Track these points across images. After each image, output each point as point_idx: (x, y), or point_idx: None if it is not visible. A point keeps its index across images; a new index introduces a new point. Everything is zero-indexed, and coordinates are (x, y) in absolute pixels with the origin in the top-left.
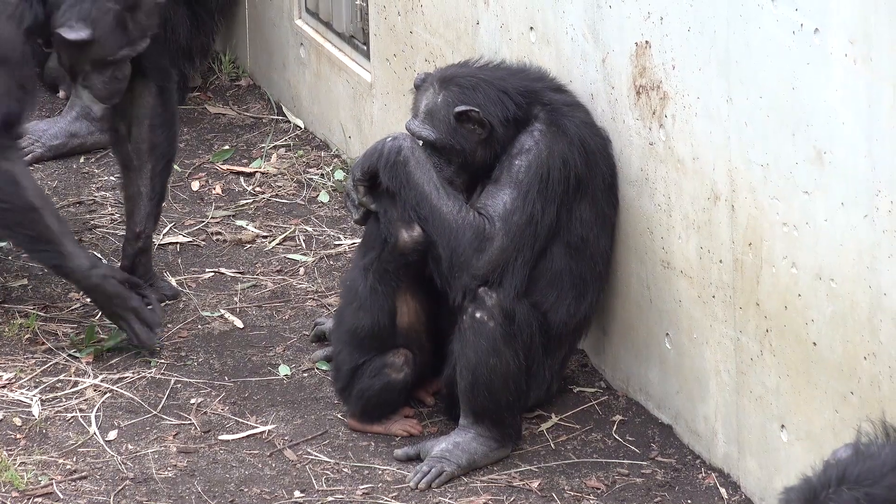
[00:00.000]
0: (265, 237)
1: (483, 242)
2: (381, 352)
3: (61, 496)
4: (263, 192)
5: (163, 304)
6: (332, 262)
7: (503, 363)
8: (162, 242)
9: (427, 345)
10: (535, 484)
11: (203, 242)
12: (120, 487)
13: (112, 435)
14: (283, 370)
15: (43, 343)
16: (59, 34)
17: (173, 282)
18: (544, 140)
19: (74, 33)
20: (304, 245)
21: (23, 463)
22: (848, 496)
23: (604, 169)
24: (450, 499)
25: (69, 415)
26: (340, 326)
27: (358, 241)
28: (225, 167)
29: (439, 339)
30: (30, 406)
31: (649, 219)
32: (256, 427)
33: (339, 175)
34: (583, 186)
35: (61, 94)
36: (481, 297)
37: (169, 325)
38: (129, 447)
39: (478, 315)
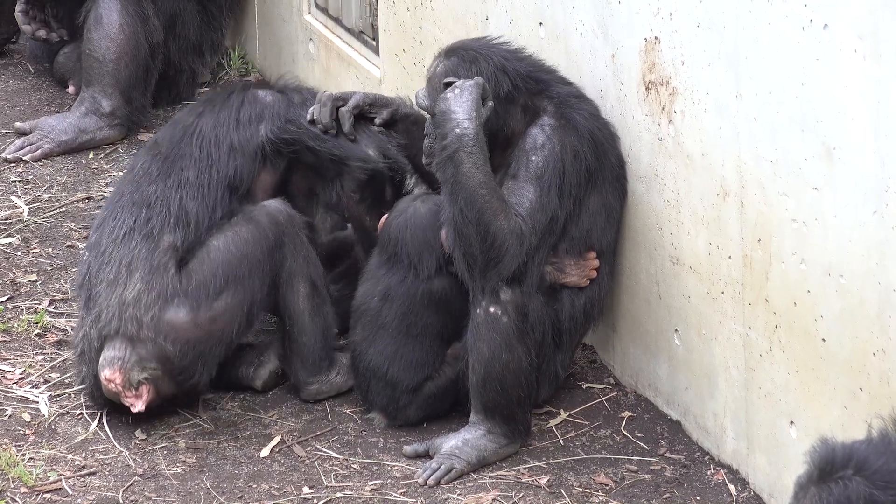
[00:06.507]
0: None
1: (522, 247)
2: None
3: (70, 492)
4: None
5: None
6: None
7: (515, 358)
8: None
9: None
10: (543, 480)
11: None
12: (129, 483)
13: (121, 431)
14: None
15: (52, 339)
16: None
17: None
18: (556, 134)
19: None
20: None
21: (31, 459)
22: (858, 489)
23: (612, 160)
24: (458, 495)
25: (78, 411)
26: None
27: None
28: None
29: None
30: (38, 402)
31: (658, 214)
32: (265, 423)
33: None
34: (593, 179)
35: (71, 89)
36: (496, 292)
37: None
38: (138, 443)
39: (492, 309)
